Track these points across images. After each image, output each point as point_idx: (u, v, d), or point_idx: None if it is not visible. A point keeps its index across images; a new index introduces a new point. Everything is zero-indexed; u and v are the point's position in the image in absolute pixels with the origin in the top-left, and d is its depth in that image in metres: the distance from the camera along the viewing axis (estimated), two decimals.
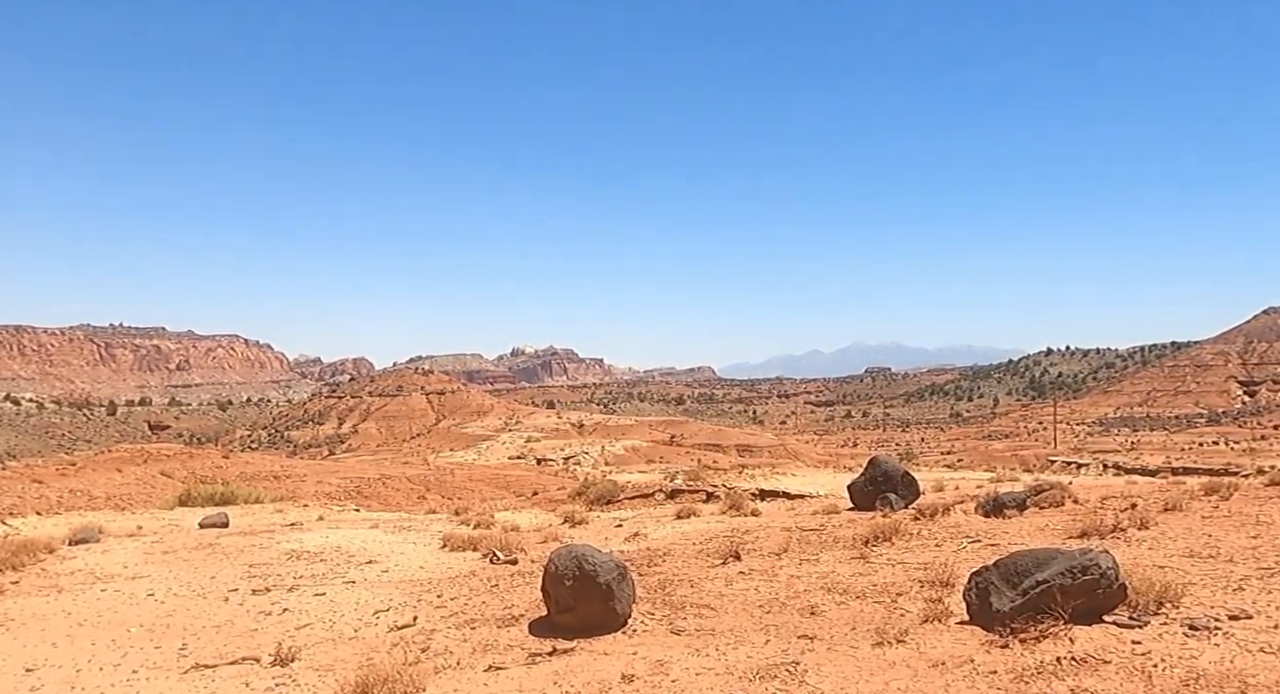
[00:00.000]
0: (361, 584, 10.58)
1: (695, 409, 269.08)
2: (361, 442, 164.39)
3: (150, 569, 12.14)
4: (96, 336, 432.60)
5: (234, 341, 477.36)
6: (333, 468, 67.96)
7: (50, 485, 39.16)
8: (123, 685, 7.08)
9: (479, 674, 6.77)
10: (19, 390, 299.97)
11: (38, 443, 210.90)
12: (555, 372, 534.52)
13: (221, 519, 16.88)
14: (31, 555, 12.68)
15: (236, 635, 8.49)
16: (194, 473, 49.23)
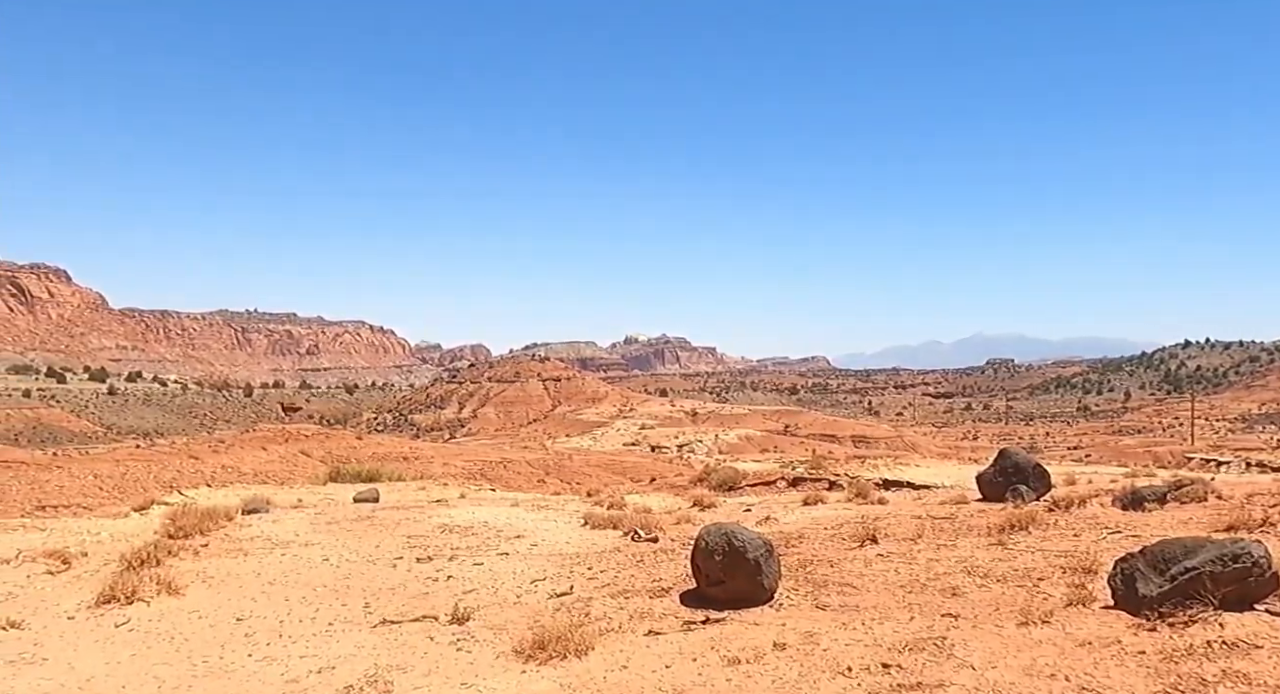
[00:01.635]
0: (515, 556, 11.31)
1: (809, 399, 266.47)
2: (480, 426, 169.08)
3: (319, 538, 13.19)
4: (234, 322, 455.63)
5: (360, 327, 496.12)
6: (456, 451, 70.34)
7: (205, 461, 41.98)
8: (322, 635, 7.91)
9: (640, 638, 7.32)
10: (165, 372, 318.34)
11: (182, 422, 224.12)
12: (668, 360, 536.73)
13: (373, 495, 18.02)
14: (215, 522, 13.92)
15: (410, 597, 9.28)
16: (330, 452, 51.82)
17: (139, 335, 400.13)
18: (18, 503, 32.09)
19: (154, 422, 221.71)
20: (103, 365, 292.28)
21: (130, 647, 7.71)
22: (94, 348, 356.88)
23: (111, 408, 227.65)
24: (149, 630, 8.22)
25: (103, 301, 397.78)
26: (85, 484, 35.63)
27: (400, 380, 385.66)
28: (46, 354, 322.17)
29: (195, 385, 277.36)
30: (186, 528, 13.24)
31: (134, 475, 38.17)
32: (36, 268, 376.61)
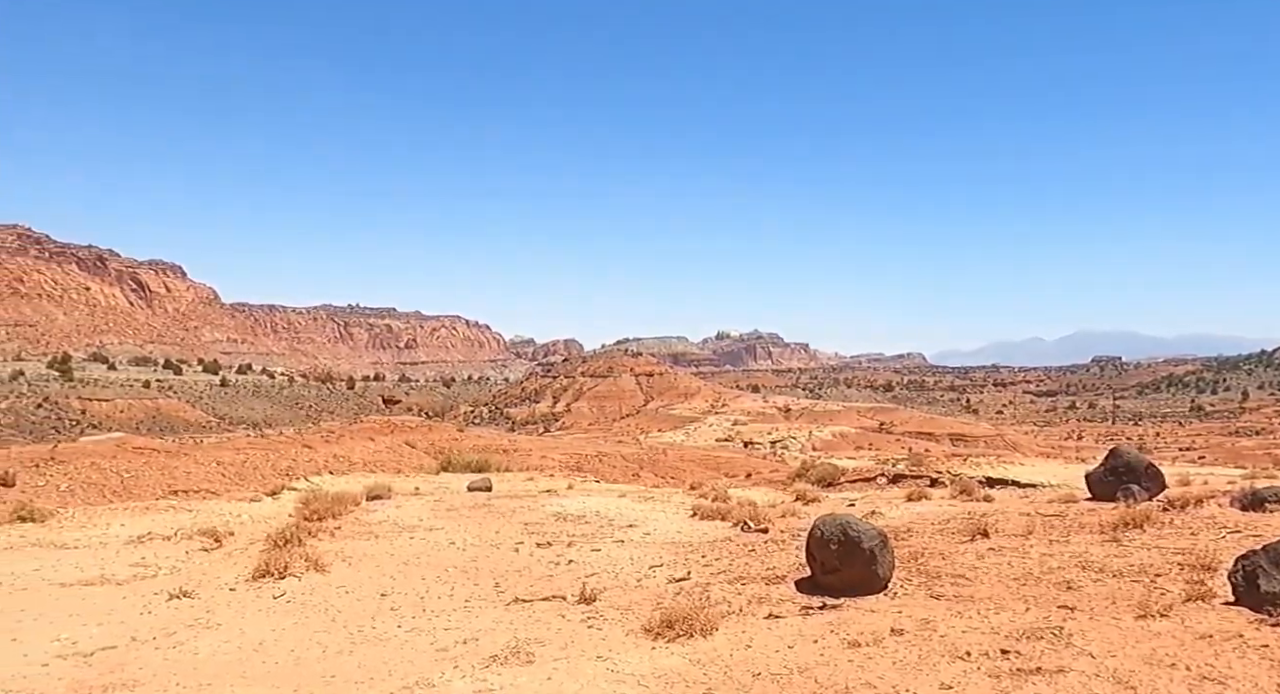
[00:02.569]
0: (629, 544, 11.79)
1: (904, 396, 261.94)
2: (574, 420, 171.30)
3: (442, 523, 13.91)
4: (336, 316, 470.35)
5: (456, 322, 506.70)
6: (553, 444, 71.65)
7: (318, 451, 43.80)
8: (461, 611, 8.50)
9: (760, 620, 7.69)
10: (272, 365, 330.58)
11: (289, 413, 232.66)
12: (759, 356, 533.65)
13: (485, 484, 18.77)
14: (344, 507, 14.78)
15: (536, 579, 9.83)
16: (433, 444, 53.44)
17: (248, 329, 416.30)
18: (151, 487, 34.11)
19: (263, 412, 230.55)
20: (215, 358, 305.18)
21: (290, 616, 8.43)
22: (206, 341, 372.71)
23: (224, 399, 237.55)
24: (303, 602, 8.94)
25: (215, 297, 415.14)
26: (210, 471, 37.61)
27: (495, 374, 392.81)
28: (164, 347, 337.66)
29: (301, 378, 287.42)
30: (320, 511, 14.10)
31: (253, 463, 40.09)
32: (155, 264, 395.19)
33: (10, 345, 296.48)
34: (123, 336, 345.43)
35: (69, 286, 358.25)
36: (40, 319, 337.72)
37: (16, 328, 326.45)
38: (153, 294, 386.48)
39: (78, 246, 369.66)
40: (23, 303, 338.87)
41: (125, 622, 8.28)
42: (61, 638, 7.75)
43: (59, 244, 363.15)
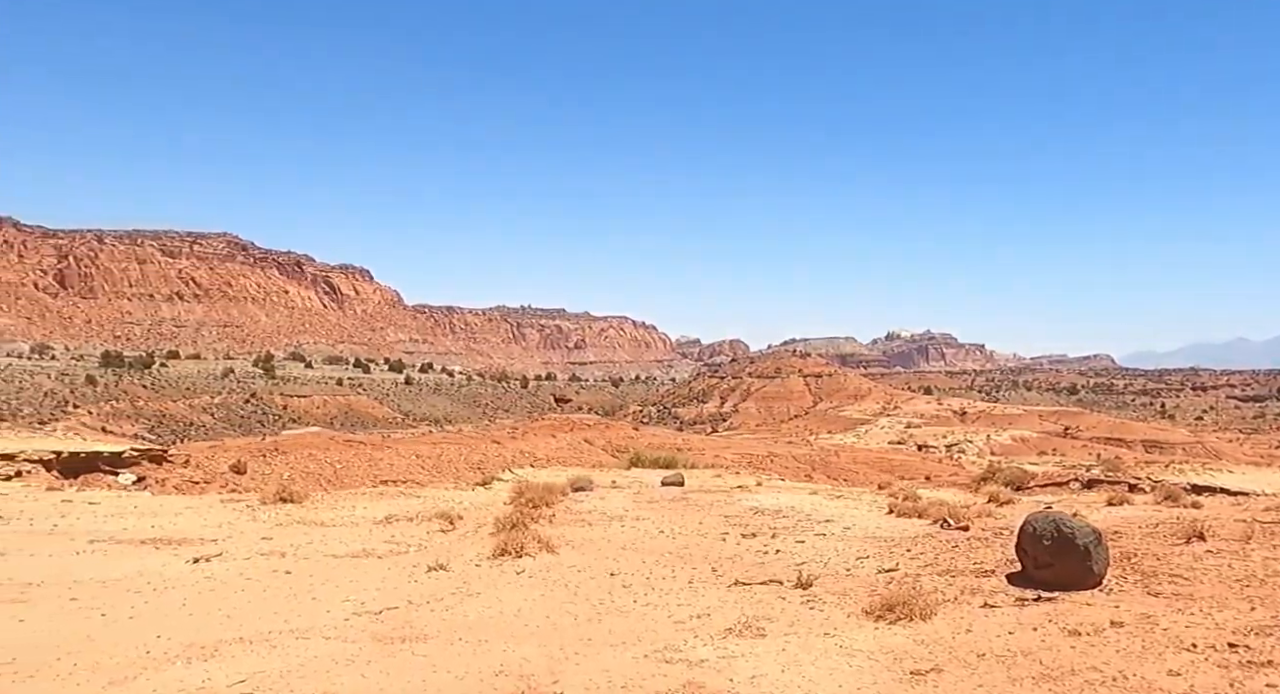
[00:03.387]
0: (831, 537, 12.30)
1: (1091, 400, 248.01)
2: (741, 421, 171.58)
3: (647, 513, 14.80)
4: (509, 317, 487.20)
5: (623, 322, 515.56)
6: (724, 444, 72.36)
7: (505, 446, 46.22)
8: (687, 590, 9.28)
9: (976, 609, 8.09)
10: (451, 363, 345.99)
11: (467, 410, 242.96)
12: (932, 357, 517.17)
13: (678, 479, 19.63)
14: (554, 497, 15.93)
15: (749, 566, 10.50)
16: (610, 442, 55.26)
17: (428, 330, 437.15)
18: (359, 477, 37.01)
19: (443, 409, 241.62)
20: (399, 357, 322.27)
21: (535, 589, 9.43)
22: (391, 341, 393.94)
23: (407, 396, 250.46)
24: (543, 578, 9.94)
25: (398, 299, 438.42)
26: (410, 462, 40.42)
27: (661, 374, 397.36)
28: (353, 346, 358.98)
29: (477, 376, 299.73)
30: (535, 500, 15.28)
31: (448, 457, 42.78)
32: (345, 268, 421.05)
33: (220, 345, 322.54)
34: (317, 337, 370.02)
35: (271, 290, 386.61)
36: (246, 320, 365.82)
37: (225, 329, 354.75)
38: (343, 296, 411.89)
39: (278, 253, 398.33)
40: (231, 305, 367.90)
41: (397, 588, 9.49)
42: (351, 599, 9.00)
43: (262, 250, 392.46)
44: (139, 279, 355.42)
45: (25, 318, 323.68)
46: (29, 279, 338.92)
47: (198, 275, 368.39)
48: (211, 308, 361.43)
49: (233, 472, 34.35)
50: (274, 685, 6.42)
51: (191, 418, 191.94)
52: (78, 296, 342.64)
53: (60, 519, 13.25)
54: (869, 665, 6.68)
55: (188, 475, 26.59)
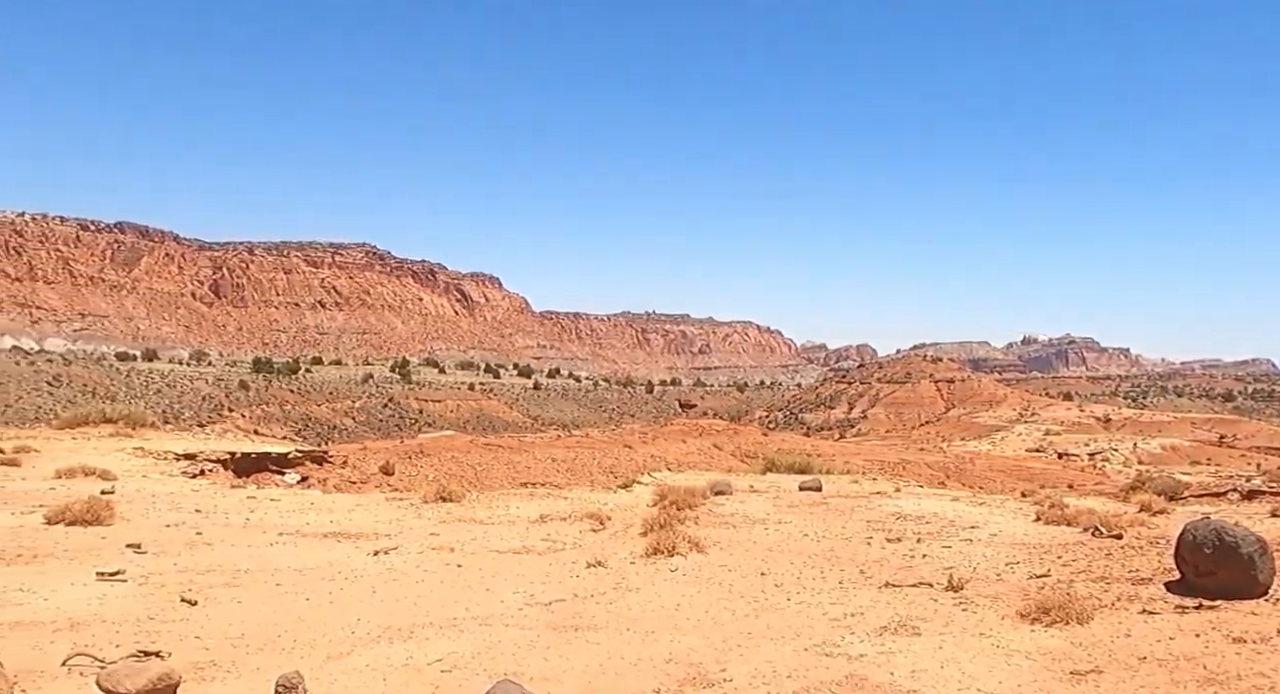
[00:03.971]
0: (978, 543, 12.37)
1: (1250, 407, 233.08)
2: (870, 426, 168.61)
3: (788, 517, 15.12)
4: (634, 323, 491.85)
5: (748, 328, 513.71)
6: (854, 449, 71.46)
7: (636, 450, 47.09)
8: (837, 590, 9.59)
9: (1134, 615, 8.15)
10: (577, 369, 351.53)
11: (594, 415, 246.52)
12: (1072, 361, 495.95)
13: (816, 484, 19.81)
14: (696, 500, 16.39)
15: (897, 569, 10.71)
16: (739, 447, 55.44)
17: (555, 335, 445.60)
18: (499, 478, 38.37)
19: (571, 414, 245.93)
20: (528, 362, 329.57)
21: (690, 586, 9.91)
22: (520, 347, 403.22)
23: (536, 400, 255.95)
24: (696, 576, 10.42)
25: (526, 305, 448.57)
26: (546, 466, 41.68)
27: (787, 379, 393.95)
28: (483, 352, 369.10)
29: (604, 381, 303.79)
30: (678, 503, 15.79)
31: (581, 461, 43.91)
32: (476, 276, 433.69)
33: (359, 351, 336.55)
34: (449, 342, 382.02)
35: (406, 298, 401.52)
36: (383, 327, 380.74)
37: (364, 335, 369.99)
38: (474, 303, 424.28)
39: (413, 262, 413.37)
40: (369, 313, 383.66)
41: (562, 582, 10.13)
42: (521, 591, 9.68)
43: (398, 260, 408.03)
44: (285, 288, 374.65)
45: (184, 326, 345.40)
46: (187, 290, 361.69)
47: (338, 284, 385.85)
48: (351, 315, 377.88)
49: (382, 472, 36.14)
50: (468, 665, 7.09)
51: (334, 421, 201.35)
52: (230, 306, 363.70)
53: (250, 514, 14.50)
54: (1027, 664, 6.88)
55: (346, 476, 28.23)
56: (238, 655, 7.18)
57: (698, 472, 32.77)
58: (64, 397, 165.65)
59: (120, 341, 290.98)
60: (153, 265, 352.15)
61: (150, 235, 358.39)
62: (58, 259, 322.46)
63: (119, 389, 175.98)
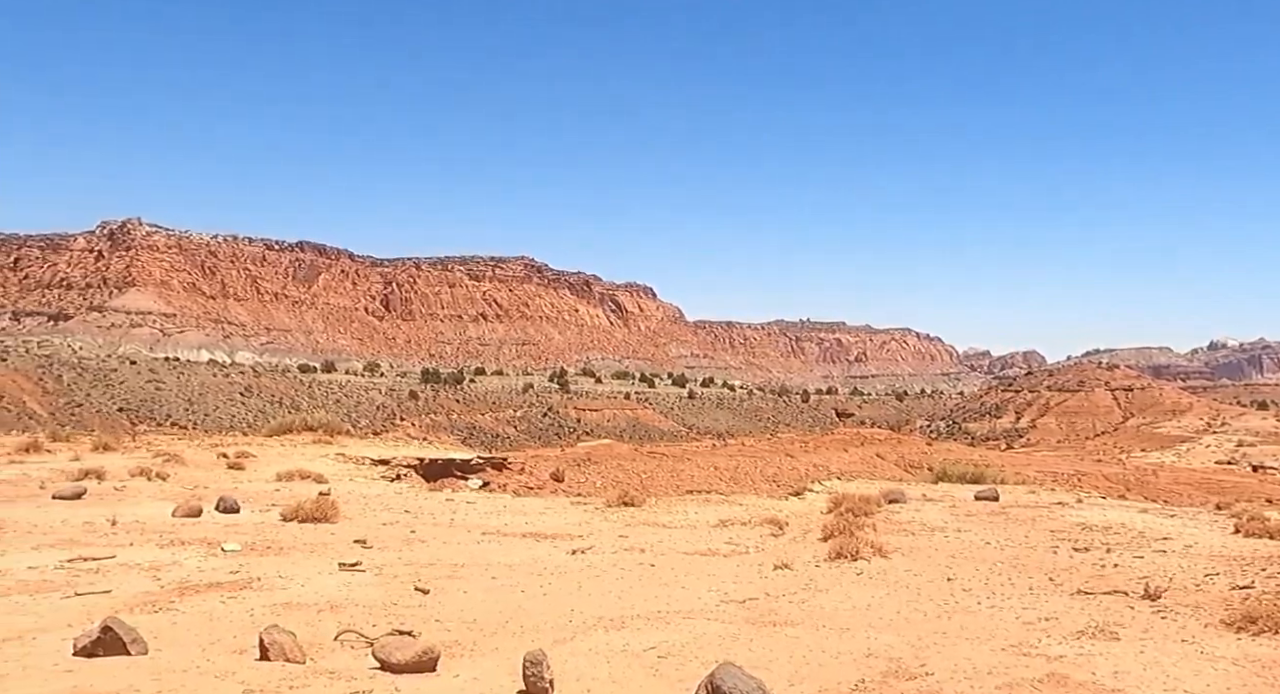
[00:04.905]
0: (1172, 554, 12.13)
1: None
2: (1040, 436, 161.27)
3: (966, 525, 15.14)
4: (788, 331, 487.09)
5: (906, 335, 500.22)
6: (1024, 460, 68.85)
7: (798, 459, 47.14)
8: (1027, 596, 9.72)
9: None
10: (731, 378, 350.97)
11: (748, 424, 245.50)
12: (1267, 367, 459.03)
13: (992, 493, 19.58)
14: (870, 507, 16.58)
15: (1087, 577, 10.70)
16: (902, 457, 54.52)
17: (708, 345, 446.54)
18: (663, 486, 39.23)
19: (725, 423, 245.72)
20: (681, 372, 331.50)
21: (878, 588, 10.25)
22: (673, 356, 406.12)
23: (690, 409, 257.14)
24: (882, 580, 10.73)
25: (680, 315, 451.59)
26: (709, 474, 42.30)
27: (948, 388, 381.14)
28: (637, 361, 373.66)
29: (758, 390, 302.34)
30: (853, 510, 16.04)
31: (744, 469, 44.31)
32: (630, 286, 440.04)
33: (519, 361, 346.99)
34: (604, 352, 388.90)
35: (562, 309, 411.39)
36: (541, 338, 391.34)
37: (523, 346, 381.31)
38: (628, 314, 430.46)
39: (569, 273, 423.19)
40: (528, 324, 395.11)
41: (751, 582, 10.66)
42: (714, 589, 10.26)
43: (555, 272, 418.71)
44: (449, 302, 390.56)
45: (358, 339, 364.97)
46: (360, 304, 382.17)
47: (499, 297, 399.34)
48: (511, 327, 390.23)
49: (553, 479, 37.60)
50: (680, 653, 7.71)
51: (497, 429, 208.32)
52: (399, 319, 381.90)
53: (453, 515, 15.70)
54: (1235, 670, 6.93)
55: (524, 481, 29.67)
56: (476, 637, 8.04)
57: (862, 481, 32.66)
58: (254, 406, 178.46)
59: (301, 354, 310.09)
60: (329, 282, 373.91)
61: (327, 253, 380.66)
62: (246, 277, 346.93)
63: (302, 399, 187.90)
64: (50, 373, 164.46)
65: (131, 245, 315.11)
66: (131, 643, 6.96)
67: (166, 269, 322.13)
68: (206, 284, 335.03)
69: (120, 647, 6.92)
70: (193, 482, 18.41)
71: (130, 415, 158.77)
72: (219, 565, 10.79)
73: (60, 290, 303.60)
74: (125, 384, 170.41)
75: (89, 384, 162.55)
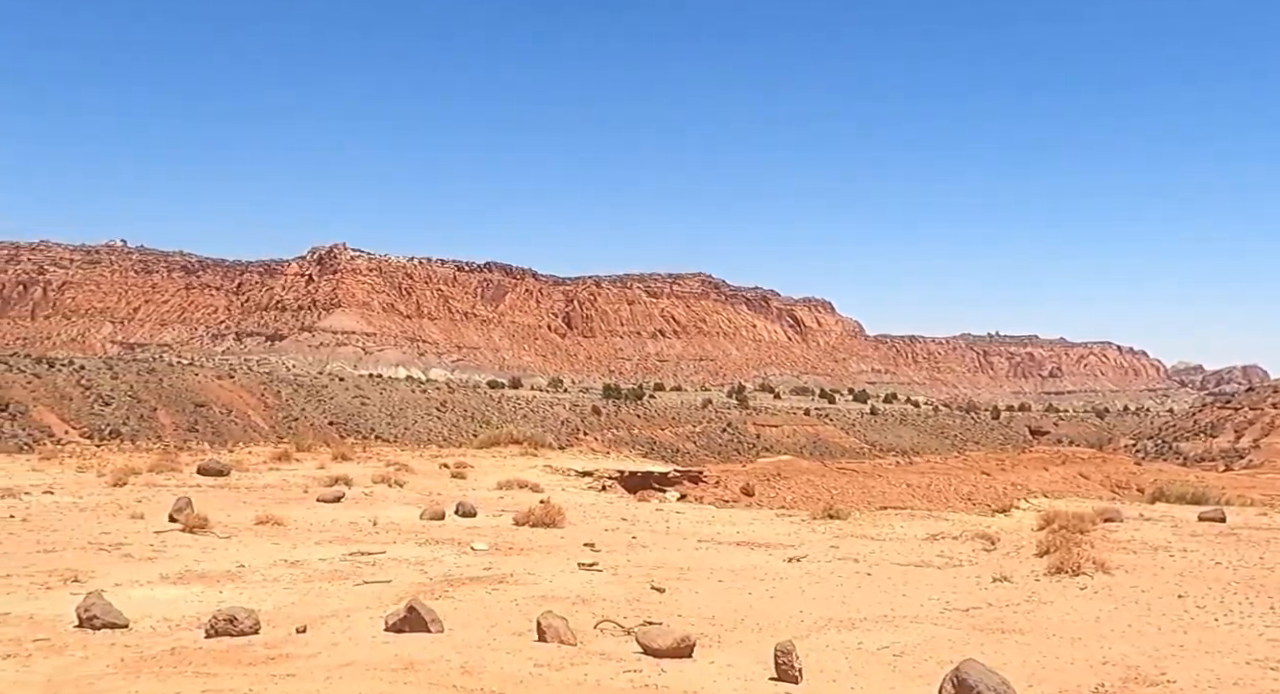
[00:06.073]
0: None
1: None
2: (1264, 457, 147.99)
3: (1192, 545, 14.63)
4: (975, 345, 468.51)
5: (1106, 348, 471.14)
6: (1247, 482, 63.85)
7: (995, 477, 45.75)
8: (1269, 615, 9.54)
9: None
10: (913, 394, 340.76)
11: (935, 441, 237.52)
12: None
13: (1218, 514, 18.69)
14: (1085, 525, 16.27)
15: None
16: (1108, 477, 51.82)
17: (890, 359, 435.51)
18: (853, 502, 39.05)
19: (909, 440, 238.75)
20: (862, 387, 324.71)
21: (1104, 603, 10.28)
22: (853, 371, 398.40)
23: (872, 426, 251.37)
24: (1108, 594, 10.74)
25: (860, 329, 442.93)
26: (900, 491, 41.74)
27: (1155, 405, 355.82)
28: (815, 377, 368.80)
29: (944, 406, 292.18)
30: (1068, 526, 15.81)
31: (937, 486, 43.44)
32: (808, 301, 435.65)
33: (697, 377, 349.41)
34: (782, 368, 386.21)
35: (739, 324, 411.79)
36: (718, 354, 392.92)
37: (701, 362, 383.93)
38: (806, 329, 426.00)
39: (746, 289, 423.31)
40: (705, 340, 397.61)
41: (971, 593, 10.91)
42: (935, 597, 10.59)
43: (732, 288, 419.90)
44: (628, 318, 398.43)
45: (541, 356, 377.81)
46: (543, 322, 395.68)
47: (676, 313, 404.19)
48: (689, 343, 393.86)
49: (743, 493, 38.17)
50: (913, 653, 8.16)
51: (677, 445, 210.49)
52: (580, 336, 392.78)
53: (666, 523, 16.58)
54: None
55: (719, 494, 30.43)
56: (718, 632, 8.76)
57: (1069, 500, 31.51)
58: (449, 420, 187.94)
59: (489, 370, 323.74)
60: (515, 300, 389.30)
61: (513, 273, 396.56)
62: (439, 297, 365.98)
63: (492, 413, 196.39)
64: (270, 389, 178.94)
65: (337, 269, 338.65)
66: (431, 622, 8.09)
67: (368, 291, 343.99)
68: (403, 304, 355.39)
69: (422, 625, 8.05)
70: (425, 489, 20.13)
71: (339, 429, 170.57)
72: (472, 562, 12.02)
73: (275, 312, 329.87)
74: (335, 399, 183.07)
75: (304, 399, 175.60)
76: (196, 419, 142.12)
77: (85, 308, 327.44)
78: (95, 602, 8.06)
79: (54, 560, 10.84)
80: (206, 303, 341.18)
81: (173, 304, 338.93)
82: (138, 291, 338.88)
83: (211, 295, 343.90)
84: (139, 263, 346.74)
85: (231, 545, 12.45)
